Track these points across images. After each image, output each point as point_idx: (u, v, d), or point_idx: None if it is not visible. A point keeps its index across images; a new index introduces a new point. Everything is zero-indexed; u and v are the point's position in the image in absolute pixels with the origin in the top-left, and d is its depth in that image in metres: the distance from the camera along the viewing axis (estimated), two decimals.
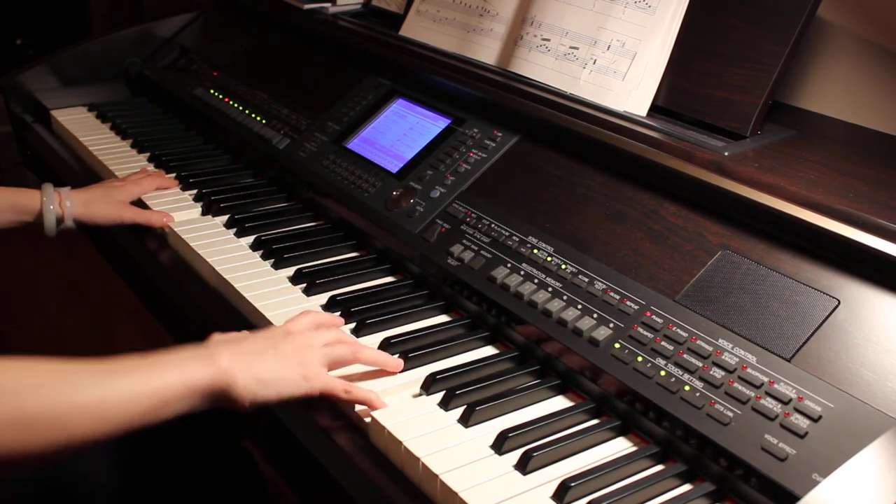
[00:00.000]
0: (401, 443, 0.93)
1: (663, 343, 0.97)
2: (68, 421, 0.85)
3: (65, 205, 1.41)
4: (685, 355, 0.95)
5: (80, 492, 1.18)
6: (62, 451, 0.86)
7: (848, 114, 1.34)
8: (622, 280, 1.06)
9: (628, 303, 1.03)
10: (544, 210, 1.20)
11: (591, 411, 1.00)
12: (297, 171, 1.51)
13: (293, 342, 1.02)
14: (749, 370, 0.91)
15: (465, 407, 0.98)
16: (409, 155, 1.41)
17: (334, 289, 1.24)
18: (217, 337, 1.01)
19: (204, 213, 1.49)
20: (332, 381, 1.01)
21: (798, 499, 0.78)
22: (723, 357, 0.93)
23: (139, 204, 1.50)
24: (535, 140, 1.31)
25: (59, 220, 1.42)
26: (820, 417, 0.85)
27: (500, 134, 1.34)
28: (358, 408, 1.00)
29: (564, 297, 1.07)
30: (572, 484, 0.86)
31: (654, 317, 1.00)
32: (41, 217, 1.41)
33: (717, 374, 0.92)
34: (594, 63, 1.34)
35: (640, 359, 0.97)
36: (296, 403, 1.02)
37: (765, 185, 1.04)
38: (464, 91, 1.42)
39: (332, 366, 1.04)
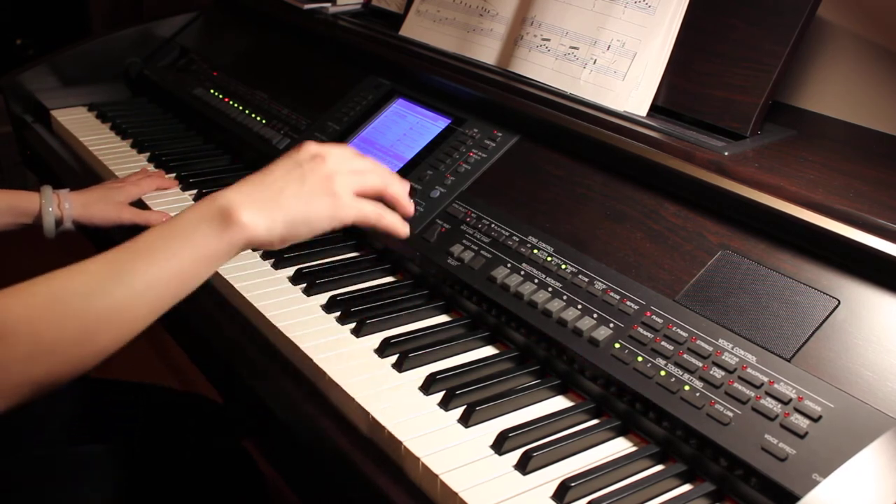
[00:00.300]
0: (401, 443, 0.93)
1: (663, 343, 0.97)
2: (91, 335, 0.80)
3: (64, 207, 1.41)
4: (685, 355, 0.95)
5: (80, 493, 1.18)
6: (88, 367, 0.81)
7: (848, 114, 1.34)
8: (622, 280, 1.06)
9: (628, 303, 1.03)
10: (544, 210, 1.20)
11: (591, 411, 1.00)
12: None
13: (321, 169, 0.97)
14: (749, 370, 0.91)
15: (465, 407, 0.98)
16: (409, 155, 1.41)
17: (334, 289, 1.23)
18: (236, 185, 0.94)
19: None
20: (364, 209, 0.98)
21: (798, 499, 0.78)
22: (723, 357, 0.93)
23: (139, 205, 1.50)
24: (535, 140, 1.31)
25: (59, 222, 1.41)
26: (820, 417, 0.85)
27: (500, 134, 1.34)
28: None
29: (564, 297, 1.07)
30: (572, 484, 0.86)
31: (654, 317, 1.00)
32: (40, 219, 1.41)
33: (717, 374, 0.92)
34: (594, 63, 1.34)
35: (640, 359, 0.97)
36: (295, 403, 1.02)
37: (765, 185, 1.04)
38: (464, 91, 1.42)
39: (360, 195, 0.99)
